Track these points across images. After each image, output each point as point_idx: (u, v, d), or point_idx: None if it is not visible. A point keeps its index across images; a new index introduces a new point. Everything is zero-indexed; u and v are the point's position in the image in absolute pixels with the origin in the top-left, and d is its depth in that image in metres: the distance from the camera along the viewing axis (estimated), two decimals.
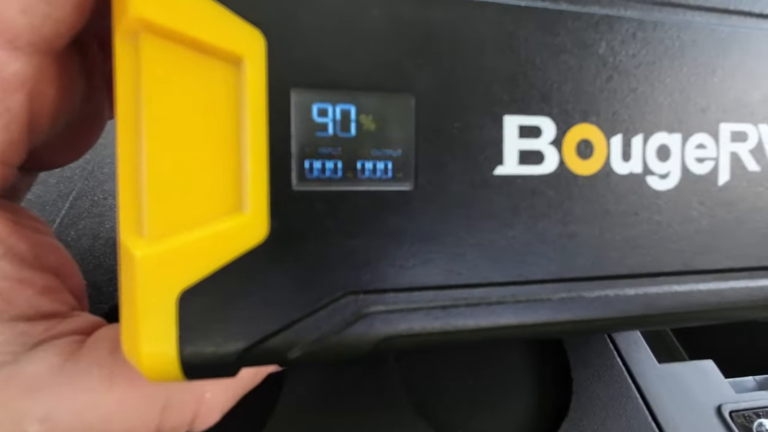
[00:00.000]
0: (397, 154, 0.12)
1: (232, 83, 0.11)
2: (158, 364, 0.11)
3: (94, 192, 0.26)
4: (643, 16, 0.14)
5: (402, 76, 0.12)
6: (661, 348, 0.35)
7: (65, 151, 0.17)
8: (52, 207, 0.24)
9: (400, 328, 0.12)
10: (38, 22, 0.11)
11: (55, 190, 0.25)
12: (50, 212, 0.24)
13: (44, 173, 0.25)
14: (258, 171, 0.11)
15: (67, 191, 0.25)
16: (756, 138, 0.15)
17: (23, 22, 0.11)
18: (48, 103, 0.13)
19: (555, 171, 0.13)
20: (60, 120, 0.14)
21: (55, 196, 0.25)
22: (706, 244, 0.15)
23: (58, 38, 0.12)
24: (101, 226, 0.25)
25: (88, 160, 0.26)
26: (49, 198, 0.25)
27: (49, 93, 0.13)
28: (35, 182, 0.18)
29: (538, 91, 0.13)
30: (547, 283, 0.14)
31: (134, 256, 0.11)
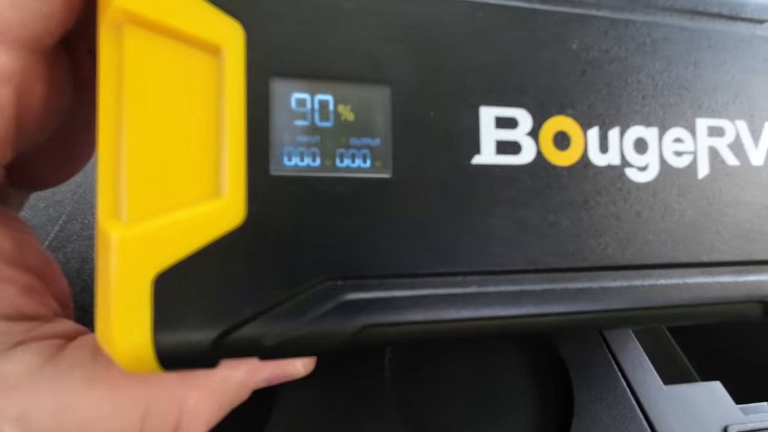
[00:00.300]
0: (375, 144, 0.13)
1: (212, 72, 0.12)
2: (132, 350, 0.11)
3: (85, 215, 0.26)
4: (614, 15, 0.14)
5: (379, 67, 0.13)
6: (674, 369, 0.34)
7: (55, 167, 0.17)
8: (41, 230, 0.24)
9: (379, 316, 0.12)
10: (27, 17, 0.12)
11: (45, 214, 0.25)
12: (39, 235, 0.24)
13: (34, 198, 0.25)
14: (235, 157, 0.12)
15: (57, 215, 0.25)
16: (733, 133, 0.15)
17: (12, 16, 0.11)
18: (36, 101, 0.13)
19: (533, 161, 0.14)
20: (48, 123, 0.14)
21: (45, 220, 0.25)
22: (689, 237, 0.15)
23: (46, 35, 0.12)
24: (90, 249, 0.25)
25: (80, 184, 0.26)
26: (39, 221, 0.25)
27: (37, 90, 0.13)
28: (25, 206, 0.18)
29: (513, 84, 0.13)
30: (529, 273, 0.13)
31: (111, 239, 0.11)
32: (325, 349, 0.12)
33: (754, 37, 0.16)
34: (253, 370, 0.15)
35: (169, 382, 0.13)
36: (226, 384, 0.14)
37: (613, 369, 0.24)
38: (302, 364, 0.16)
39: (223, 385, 0.14)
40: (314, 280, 0.12)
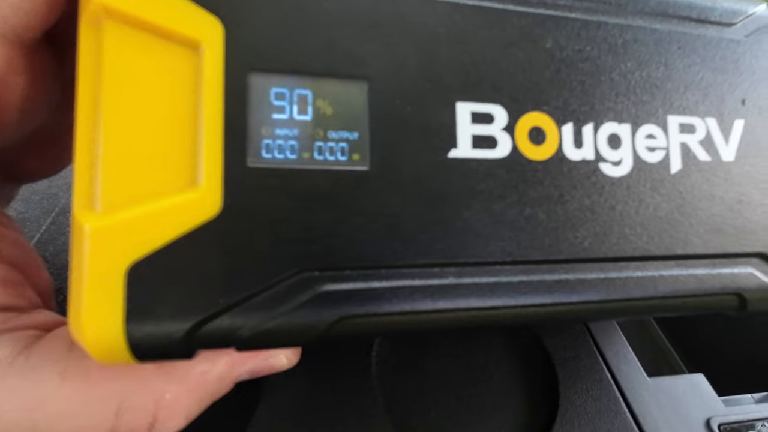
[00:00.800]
0: (353, 137, 0.13)
1: (191, 67, 0.12)
2: (103, 340, 0.11)
3: None
4: (587, 17, 0.15)
5: (357, 63, 0.13)
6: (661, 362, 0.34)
7: (43, 161, 0.17)
8: (34, 223, 0.24)
9: (355, 308, 0.12)
10: (7, 12, 0.12)
11: (39, 206, 0.25)
12: (30, 228, 0.24)
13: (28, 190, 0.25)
14: (212, 149, 0.12)
15: (50, 208, 0.25)
16: (704, 130, 0.16)
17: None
18: (17, 95, 0.13)
19: (508, 156, 0.14)
20: (31, 116, 0.14)
21: (38, 213, 0.25)
22: (663, 230, 0.15)
23: (27, 29, 0.12)
24: None
25: None
26: (32, 214, 0.25)
27: (19, 84, 0.13)
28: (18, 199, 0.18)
29: (489, 81, 0.14)
30: (506, 265, 0.14)
31: (84, 229, 0.11)
32: (302, 340, 0.12)
33: (722, 39, 0.16)
34: (234, 362, 0.14)
35: (145, 375, 0.13)
36: (206, 377, 0.14)
37: (598, 362, 0.24)
38: (286, 356, 0.16)
39: (202, 378, 0.14)
40: (290, 271, 0.12)
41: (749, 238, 0.16)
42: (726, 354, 0.33)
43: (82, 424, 0.13)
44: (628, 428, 0.22)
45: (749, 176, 0.16)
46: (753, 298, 0.16)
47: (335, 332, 0.12)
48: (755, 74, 0.16)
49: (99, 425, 0.13)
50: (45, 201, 0.26)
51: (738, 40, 0.16)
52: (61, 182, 0.26)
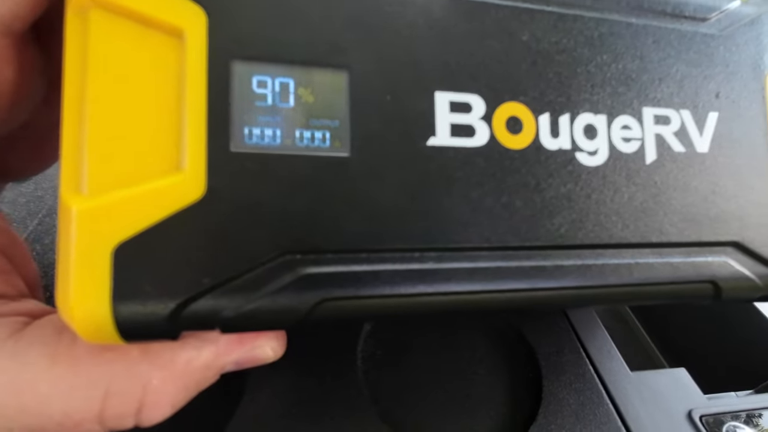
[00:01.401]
0: (334, 125, 0.13)
1: (174, 54, 0.12)
2: (91, 319, 0.11)
3: None
4: (563, 11, 0.15)
5: (338, 52, 0.13)
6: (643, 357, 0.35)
7: (30, 157, 0.17)
8: (20, 224, 0.25)
9: (337, 290, 0.13)
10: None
11: (25, 208, 0.25)
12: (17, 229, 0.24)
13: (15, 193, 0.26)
14: (196, 134, 0.12)
15: (36, 210, 0.25)
16: (679, 122, 0.16)
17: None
18: (5, 87, 0.13)
19: (486, 144, 0.14)
20: (18, 107, 0.14)
21: (24, 214, 0.25)
22: (638, 218, 0.15)
23: (15, 19, 0.13)
24: None
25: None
26: (19, 215, 0.25)
27: (6, 75, 0.13)
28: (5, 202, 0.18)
29: (467, 71, 0.14)
30: (483, 250, 0.14)
31: (71, 210, 0.11)
32: (285, 321, 0.13)
33: (697, 33, 0.17)
34: (219, 351, 0.15)
35: (131, 360, 0.13)
36: (192, 365, 0.14)
37: (581, 357, 0.25)
38: (272, 348, 0.16)
39: (188, 366, 0.14)
40: (273, 253, 0.12)
41: (723, 228, 0.16)
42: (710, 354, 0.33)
43: (70, 407, 0.13)
44: (611, 420, 0.23)
45: (723, 167, 0.17)
46: (727, 287, 0.16)
47: (317, 314, 0.13)
48: (729, 68, 0.17)
49: (87, 408, 0.13)
50: (31, 203, 0.26)
51: (712, 35, 0.17)
52: (47, 185, 0.26)
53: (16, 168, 0.17)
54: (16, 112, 0.14)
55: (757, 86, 0.17)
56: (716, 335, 0.34)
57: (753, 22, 0.18)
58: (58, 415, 0.13)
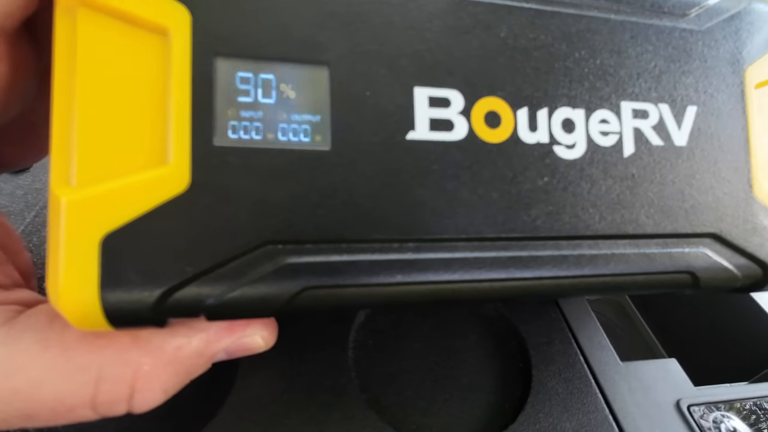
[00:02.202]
0: (315, 120, 0.14)
1: (160, 51, 0.13)
2: (80, 306, 0.12)
3: None
4: (540, 7, 0.16)
5: (318, 49, 0.14)
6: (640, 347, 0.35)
7: (22, 149, 0.18)
8: (17, 216, 0.25)
9: (318, 279, 0.13)
10: None
11: (23, 200, 0.26)
12: (14, 221, 0.25)
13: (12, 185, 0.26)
14: (181, 129, 0.13)
15: (34, 202, 0.26)
16: (657, 116, 0.17)
17: None
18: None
19: (465, 138, 0.15)
20: (11, 103, 0.15)
21: (22, 206, 0.26)
22: (615, 210, 0.16)
23: (7, 17, 0.13)
24: None
25: None
26: (16, 208, 0.26)
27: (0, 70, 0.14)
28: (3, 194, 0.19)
29: (445, 67, 0.15)
30: (461, 241, 0.14)
31: (60, 201, 0.12)
32: (268, 309, 0.13)
33: (676, 28, 0.17)
34: (209, 339, 0.15)
35: (122, 347, 0.14)
36: (181, 352, 0.15)
37: (571, 347, 0.25)
38: (262, 337, 0.16)
39: (178, 353, 0.15)
40: (255, 243, 0.13)
41: (700, 219, 0.17)
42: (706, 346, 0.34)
43: (62, 391, 0.13)
44: (599, 409, 0.23)
45: (701, 160, 0.17)
46: (705, 277, 0.17)
47: (299, 303, 0.13)
48: (707, 63, 0.17)
49: (79, 393, 0.13)
50: (29, 195, 0.26)
51: (691, 30, 0.17)
52: (45, 178, 0.27)
53: (10, 159, 0.18)
54: (9, 106, 0.15)
55: (736, 81, 0.18)
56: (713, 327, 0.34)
57: (732, 18, 0.18)
58: (51, 401, 0.13)
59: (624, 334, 0.37)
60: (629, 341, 0.36)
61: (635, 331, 0.37)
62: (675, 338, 0.35)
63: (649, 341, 0.36)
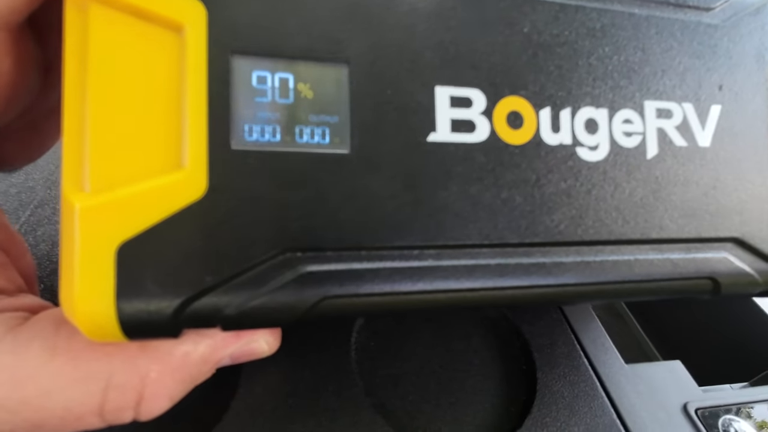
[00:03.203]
0: (334, 121, 0.13)
1: (174, 49, 0.12)
2: (95, 317, 0.11)
3: (57, 201, 0.26)
4: (564, 1, 0.15)
5: (338, 47, 0.13)
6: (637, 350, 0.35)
7: (21, 148, 0.17)
8: (12, 215, 0.25)
9: (337, 288, 0.13)
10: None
11: (17, 199, 0.25)
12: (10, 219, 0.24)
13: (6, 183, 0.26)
14: (197, 131, 0.12)
15: (28, 200, 0.25)
16: (681, 115, 0.16)
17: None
18: (3, 79, 0.13)
19: (487, 139, 0.14)
20: (14, 100, 0.14)
21: (17, 205, 0.25)
22: (638, 214, 0.15)
23: (12, 13, 0.12)
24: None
25: (53, 171, 0.27)
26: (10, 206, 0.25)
27: (4, 66, 0.13)
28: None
29: (468, 65, 0.14)
30: (483, 247, 0.14)
31: (75, 208, 0.11)
32: (286, 319, 0.13)
33: (700, 23, 0.17)
34: (215, 345, 0.15)
35: (130, 354, 0.14)
36: (188, 359, 0.14)
37: (575, 349, 0.25)
38: (266, 342, 0.16)
39: (184, 359, 0.14)
40: (273, 251, 0.12)
41: (724, 223, 0.16)
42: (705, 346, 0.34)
43: (71, 400, 0.13)
44: (606, 413, 0.23)
45: (725, 161, 0.17)
46: (726, 283, 0.16)
47: (318, 312, 0.13)
48: (732, 59, 0.17)
49: (87, 401, 0.13)
50: (22, 194, 0.26)
51: (716, 25, 0.17)
52: (38, 176, 0.26)
53: (10, 156, 0.17)
54: (13, 103, 0.14)
55: (761, 78, 0.17)
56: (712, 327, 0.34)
57: (758, 11, 0.17)
58: (59, 409, 0.13)
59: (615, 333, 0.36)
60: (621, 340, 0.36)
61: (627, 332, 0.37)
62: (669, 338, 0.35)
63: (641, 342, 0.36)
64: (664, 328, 0.36)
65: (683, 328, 0.35)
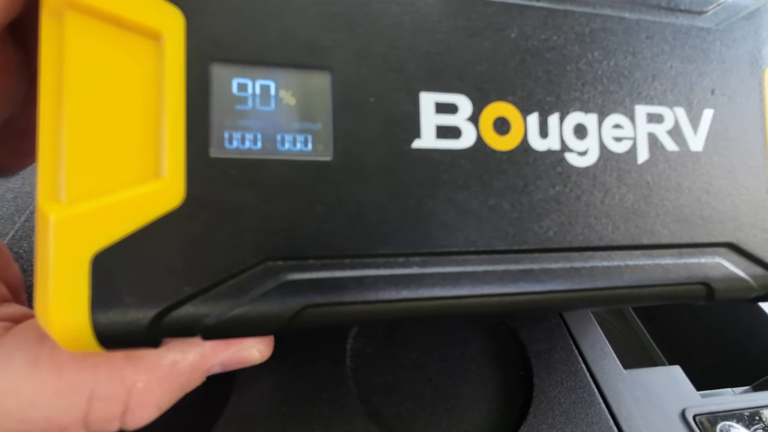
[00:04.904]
0: (316, 128, 0.13)
1: (152, 57, 0.12)
2: (69, 328, 0.11)
3: None
4: (552, 6, 0.15)
5: (320, 53, 0.13)
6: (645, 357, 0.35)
7: (9, 156, 0.17)
8: (8, 221, 0.25)
9: (320, 297, 0.13)
10: None
11: (13, 204, 0.25)
12: (4, 225, 0.24)
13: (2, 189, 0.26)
14: (175, 140, 0.12)
15: (24, 206, 0.25)
16: (672, 120, 0.16)
17: None
18: None
19: (473, 146, 0.14)
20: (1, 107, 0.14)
21: (12, 210, 0.25)
22: (629, 220, 0.15)
23: None
24: None
25: None
26: (6, 212, 0.25)
27: None
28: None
29: (453, 71, 0.14)
30: (470, 254, 0.14)
31: (49, 219, 0.11)
32: (268, 328, 0.13)
33: (693, 27, 0.16)
34: (204, 354, 0.15)
35: (116, 364, 0.13)
36: (177, 368, 0.14)
37: (573, 354, 0.25)
38: (258, 350, 0.16)
39: (173, 368, 0.14)
40: (254, 260, 0.12)
41: (717, 228, 0.16)
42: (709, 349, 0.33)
43: (54, 412, 0.13)
44: (603, 419, 0.23)
45: (718, 166, 0.16)
46: (720, 288, 0.16)
47: (300, 321, 0.13)
48: (725, 63, 0.16)
49: (71, 412, 0.13)
50: (19, 199, 0.26)
51: (708, 29, 0.16)
52: (35, 181, 0.26)
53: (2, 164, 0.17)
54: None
55: (755, 82, 0.17)
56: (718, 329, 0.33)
57: (751, 15, 0.17)
58: (43, 421, 0.13)
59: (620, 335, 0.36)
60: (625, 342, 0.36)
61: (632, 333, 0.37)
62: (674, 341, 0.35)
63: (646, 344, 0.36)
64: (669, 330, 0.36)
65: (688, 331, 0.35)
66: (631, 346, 0.36)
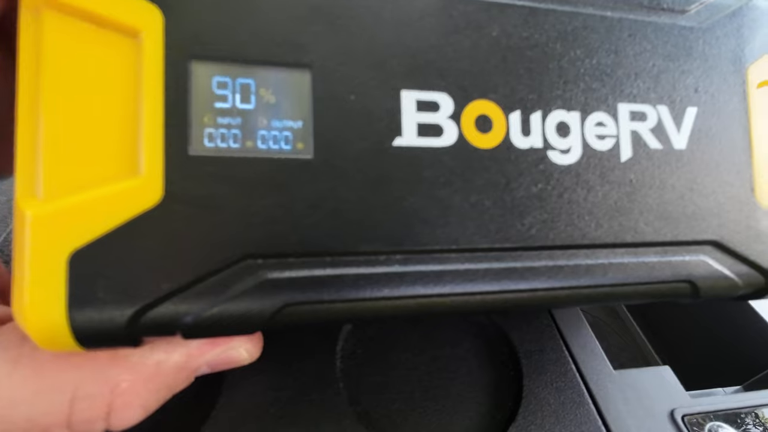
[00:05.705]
0: (297, 126, 0.13)
1: (130, 55, 0.12)
2: (46, 326, 0.11)
3: None
4: (534, 5, 0.15)
5: (300, 51, 0.13)
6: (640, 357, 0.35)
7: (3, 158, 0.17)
8: (1, 223, 0.25)
9: (300, 295, 0.13)
10: None
11: (6, 207, 0.25)
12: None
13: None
14: (153, 138, 0.12)
15: None
16: (655, 118, 0.16)
17: None
18: None
19: (455, 144, 0.14)
20: None
21: (6, 213, 0.25)
22: (612, 218, 0.15)
23: None
24: None
25: None
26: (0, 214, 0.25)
27: None
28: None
29: (435, 69, 0.14)
30: (452, 252, 0.14)
31: (26, 216, 0.11)
32: (248, 327, 0.13)
33: (675, 26, 0.16)
34: (190, 354, 0.14)
35: (99, 364, 0.13)
36: (162, 367, 0.14)
37: (563, 355, 0.24)
38: (246, 350, 0.16)
39: (158, 368, 0.14)
40: (234, 258, 0.12)
41: (701, 226, 0.16)
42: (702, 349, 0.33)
43: (36, 411, 0.13)
44: (591, 420, 0.23)
45: (701, 164, 0.16)
46: (705, 286, 0.16)
47: (280, 319, 0.13)
48: (708, 61, 0.17)
49: (53, 412, 0.13)
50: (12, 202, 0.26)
51: (691, 27, 0.17)
52: None
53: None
54: None
55: (738, 80, 0.17)
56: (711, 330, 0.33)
57: (734, 14, 0.17)
58: (23, 421, 0.13)
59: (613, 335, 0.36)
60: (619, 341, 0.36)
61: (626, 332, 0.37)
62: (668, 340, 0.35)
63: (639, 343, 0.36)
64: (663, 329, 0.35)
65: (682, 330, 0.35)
66: (625, 346, 0.36)
